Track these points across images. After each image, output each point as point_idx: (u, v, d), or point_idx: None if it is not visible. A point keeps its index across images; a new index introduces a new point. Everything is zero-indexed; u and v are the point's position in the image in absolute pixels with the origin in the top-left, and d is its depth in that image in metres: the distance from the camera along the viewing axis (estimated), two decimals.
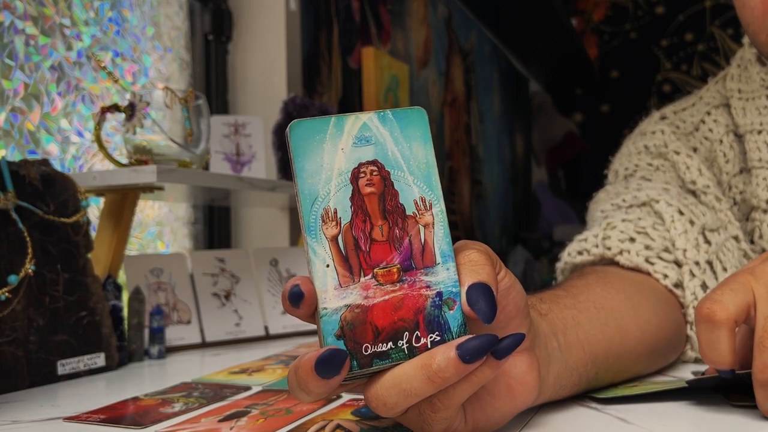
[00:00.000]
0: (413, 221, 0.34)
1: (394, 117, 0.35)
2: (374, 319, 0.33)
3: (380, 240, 0.34)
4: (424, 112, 0.35)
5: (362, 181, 0.34)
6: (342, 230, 0.33)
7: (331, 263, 0.33)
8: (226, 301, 0.85)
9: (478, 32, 2.57)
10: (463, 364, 0.32)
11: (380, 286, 0.33)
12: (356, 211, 0.34)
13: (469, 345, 0.32)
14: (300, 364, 0.32)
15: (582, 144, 3.32)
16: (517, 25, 2.54)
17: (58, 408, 0.50)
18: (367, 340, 0.33)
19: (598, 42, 3.32)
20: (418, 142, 0.35)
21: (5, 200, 0.58)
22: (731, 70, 0.70)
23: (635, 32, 3.24)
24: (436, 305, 0.34)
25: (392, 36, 1.82)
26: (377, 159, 0.34)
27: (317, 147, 0.34)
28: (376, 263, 0.34)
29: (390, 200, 0.34)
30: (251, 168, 1.02)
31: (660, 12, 3.18)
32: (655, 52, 3.18)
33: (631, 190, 0.67)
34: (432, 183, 0.35)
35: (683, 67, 3.13)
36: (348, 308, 0.33)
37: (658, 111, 0.77)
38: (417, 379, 0.32)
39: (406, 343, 0.33)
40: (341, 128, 0.34)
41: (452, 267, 0.34)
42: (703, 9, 3.09)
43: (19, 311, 0.58)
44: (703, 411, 0.43)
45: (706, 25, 3.08)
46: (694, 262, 0.58)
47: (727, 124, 0.68)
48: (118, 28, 1.09)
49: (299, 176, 0.33)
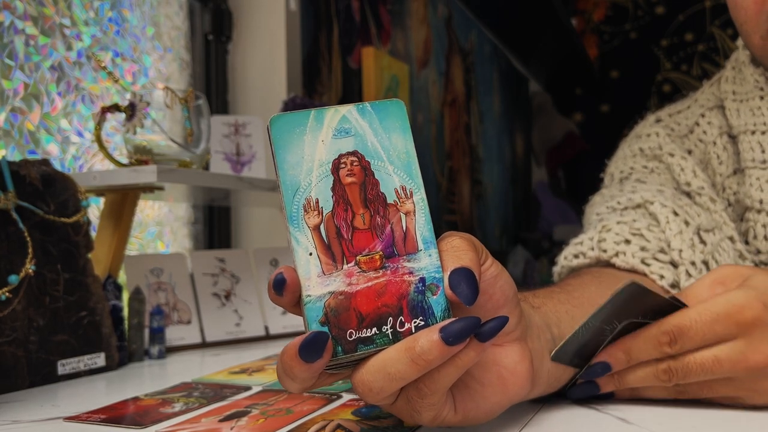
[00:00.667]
0: (394, 209, 0.35)
1: (373, 109, 0.36)
2: (358, 305, 0.33)
3: (362, 228, 0.34)
4: (402, 103, 0.36)
5: (343, 172, 0.35)
6: (324, 219, 0.34)
7: (314, 251, 0.34)
8: (226, 301, 0.85)
9: (478, 32, 2.57)
10: (446, 346, 0.32)
11: (363, 273, 0.34)
12: (338, 200, 0.34)
13: (452, 327, 0.32)
14: (285, 350, 0.33)
15: (582, 144, 3.32)
16: (517, 25, 2.54)
17: (58, 408, 0.50)
18: (352, 326, 0.33)
19: (598, 42, 3.32)
20: (397, 132, 0.36)
21: (5, 200, 0.58)
22: (726, 73, 0.70)
23: (635, 32, 3.24)
24: (419, 291, 0.34)
25: (392, 36, 1.82)
26: (357, 150, 0.35)
27: (298, 139, 0.34)
28: (359, 251, 0.34)
29: (371, 189, 0.35)
30: (251, 168, 1.02)
31: (660, 12, 3.18)
32: (655, 52, 3.18)
33: (625, 192, 0.68)
34: (412, 172, 0.35)
35: (683, 67, 3.13)
36: (332, 295, 0.33)
37: (654, 114, 0.77)
38: (401, 362, 0.32)
39: (390, 328, 0.34)
40: (321, 121, 0.35)
41: (434, 253, 0.35)
42: (703, 9, 3.09)
43: (20, 311, 0.58)
44: (704, 411, 0.43)
45: (706, 25, 3.08)
46: (690, 262, 0.59)
47: (720, 126, 0.68)
48: (118, 28, 1.09)
49: (281, 168, 0.34)
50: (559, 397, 0.47)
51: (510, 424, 0.41)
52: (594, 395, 0.46)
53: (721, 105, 0.70)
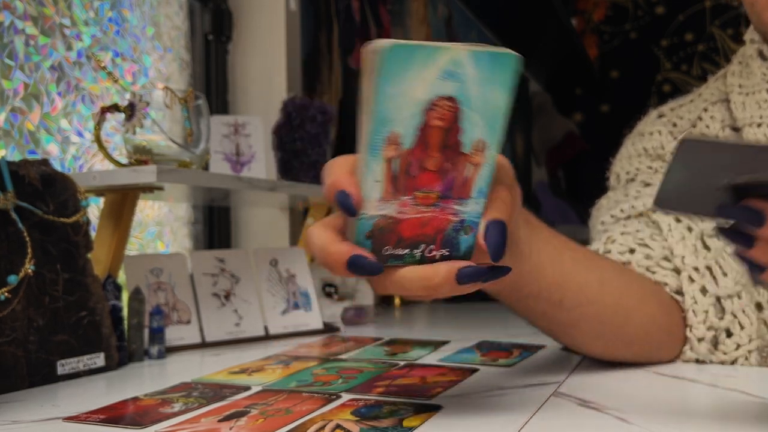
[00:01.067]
0: (465, 159, 0.36)
1: (487, 58, 0.34)
2: (401, 230, 0.37)
3: (431, 170, 0.36)
4: (516, 58, 0.35)
5: (434, 114, 0.35)
6: (400, 155, 0.35)
7: (381, 180, 0.35)
8: (226, 301, 0.85)
9: (478, 32, 2.57)
10: (457, 284, 0.37)
11: (416, 206, 0.36)
12: (419, 141, 0.35)
13: (467, 271, 0.37)
14: (335, 258, 0.37)
15: (582, 144, 3.32)
16: (517, 25, 2.54)
17: (57, 408, 0.50)
18: (390, 245, 0.37)
19: (598, 42, 3.32)
20: (500, 86, 0.35)
21: (5, 200, 0.58)
22: (732, 67, 0.70)
23: (635, 32, 3.24)
24: (456, 229, 0.38)
25: (392, 36, 1.82)
26: (455, 96, 0.34)
27: (402, 72, 0.33)
28: (419, 188, 0.36)
29: (452, 136, 0.35)
30: (251, 168, 1.02)
31: (660, 12, 3.18)
32: (655, 52, 3.18)
33: (630, 198, 0.68)
34: (496, 128, 0.36)
35: (683, 67, 3.13)
36: (383, 217, 0.36)
37: (656, 109, 0.77)
38: (416, 285, 0.37)
39: (420, 252, 0.38)
40: (432, 59, 0.33)
41: (482, 203, 0.38)
42: (703, 9, 3.09)
43: (19, 311, 0.58)
44: (704, 411, 0.43)
45: (706, 25, 3.08)
46: (693, 267, 0.59)
47: (723, 120, 0.68)
48: (118, 28, 1.09)
49: (377, 98, 0.33)
50: (559, 397, 0.47)
51: (510, 423, 0.41)
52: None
53: (725, 99, 0.69)
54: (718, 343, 0.59)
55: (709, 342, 0.58)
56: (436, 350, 0.72)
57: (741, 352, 0.58)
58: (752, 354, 0.58)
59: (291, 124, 1.06)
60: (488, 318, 1.05)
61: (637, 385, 0.53)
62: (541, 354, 0.67)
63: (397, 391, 0.52)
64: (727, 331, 0.58)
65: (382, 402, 0.48)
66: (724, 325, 0.58)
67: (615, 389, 0.51)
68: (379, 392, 0.52)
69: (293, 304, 0.91)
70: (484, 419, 0.43)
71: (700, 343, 0.58)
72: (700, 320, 0.58)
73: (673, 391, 0.50)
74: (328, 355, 0.71)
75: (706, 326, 0.58)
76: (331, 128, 1.09)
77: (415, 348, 0.74)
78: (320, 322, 0.92)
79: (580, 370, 0.58)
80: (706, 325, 0.58)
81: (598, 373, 0.56)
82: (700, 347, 0.58)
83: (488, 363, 0.64)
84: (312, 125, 1.07)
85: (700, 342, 0.58)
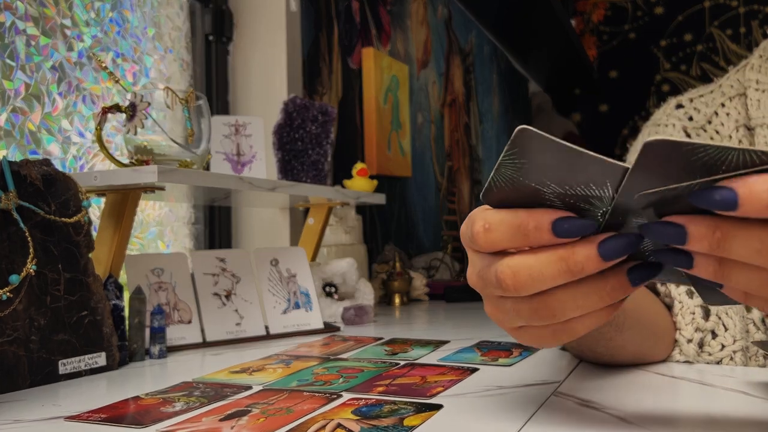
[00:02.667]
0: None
1: None
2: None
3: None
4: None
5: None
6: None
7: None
8: (227, 301, 0.85)
9: (478, 33, 2.58)
10: (602, 261, 0.33)
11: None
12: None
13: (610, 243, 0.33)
14: (533, 216, 0.33)
15: (581, 144, 3.32)
16: (517, 26, 2.54)
17: (59, 407, 0.51)
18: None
19: (597, 42, 3.32)
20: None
21: (7, 200, 0.59)
22: (752, 60, 0.69)
23: (634, 33, 3.24)
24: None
25: (392, 37, 1.82)
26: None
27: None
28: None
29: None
30: (252, 168, 1.02)
31: (659, 12, 3.18)
32: (654, 52, 3.18)
33: None
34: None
35: (682, 67, 3.13)
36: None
37: (675, 98, 0.75)
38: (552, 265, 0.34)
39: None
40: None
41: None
42: (702, 9, 3.09)
43: (21, 311, 0.58)
44: (704, 411, 0.44)
45: (705, 26, 3.08)
46: None
47: (737, 119, 0.67)
48: (119, 28, 1.10)
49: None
50: (559, 396, 0.47)
51: (510, 423, 0.42)
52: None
53: (743, 93, 0.68)
54: (704, 344, 0.59)
55: (696, 344, 0.59)
56: (436, 350, 0.72)
57: (726, 352, 0.59)
58: (737, 354, 0.59)
59: (291, 125, 1.06)
60: (488, 318, 1.05)
61: (637, 385, 0.53)
62: (541, 354, 0.67)
63: (397, 391, 0.52)
64: (712, 332, 0.59)
65: (382, 401, 0.49)
66: (709, 327, 0.59)
67: (615, 389, 0.51)
68: (380, 391, 0.52)
69: (294, 303, 0.91)
70: (484, 419, 0.43)
71: (689, 344, 0.59)
72: (688, 322, 0.59)
73: (673, 391, 0.51)
74: (329, 355, 0.71)
75: (694, 327, 0.59)
76: (331, 128, 1.09)
77: (416, 347, 0.74)
78: (321, 322, 0.92)
79: (580, 370, 0.58)
80: (694, 327, 0.59)
81: (598, 373, 0.57)
82: (688, 348, 0.59)
83: (488, 362, 0.64)
84: (312, 125, 1.07)
85: (688, 343, 0.59)
